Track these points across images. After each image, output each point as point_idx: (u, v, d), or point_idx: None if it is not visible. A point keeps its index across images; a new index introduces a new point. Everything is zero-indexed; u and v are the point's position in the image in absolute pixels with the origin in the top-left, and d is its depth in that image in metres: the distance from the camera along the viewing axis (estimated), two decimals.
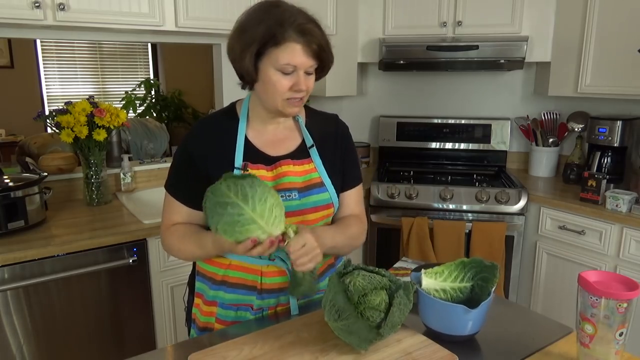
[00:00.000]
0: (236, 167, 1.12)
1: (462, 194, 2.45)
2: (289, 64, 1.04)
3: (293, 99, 1.09)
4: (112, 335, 1.87)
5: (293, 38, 1.03)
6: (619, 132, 2.38)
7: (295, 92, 1.08)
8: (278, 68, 1.05)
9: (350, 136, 1.30)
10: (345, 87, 2.77)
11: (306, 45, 1.04)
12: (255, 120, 1.18)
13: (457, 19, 2.58)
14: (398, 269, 1.35)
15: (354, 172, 1.27)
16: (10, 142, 4.82)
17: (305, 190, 1.15)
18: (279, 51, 1.04)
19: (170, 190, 1.18)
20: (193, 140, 1.16)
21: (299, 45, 1.04)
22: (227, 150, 1.14)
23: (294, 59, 1.04)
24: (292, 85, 1.07)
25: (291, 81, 1.07)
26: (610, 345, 0.87)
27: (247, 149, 1.15)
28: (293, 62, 1.04)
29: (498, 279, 1.03)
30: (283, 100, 1.09)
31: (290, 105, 1.10)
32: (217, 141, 1.15)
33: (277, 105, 1.10)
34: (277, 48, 1.04)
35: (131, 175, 2.34)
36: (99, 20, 1.88)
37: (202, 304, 1.21)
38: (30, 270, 1.66)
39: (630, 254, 2.07)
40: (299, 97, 1.09)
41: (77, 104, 2.00)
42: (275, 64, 1.05)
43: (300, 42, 1.04)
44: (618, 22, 2.26)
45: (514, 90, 2.97)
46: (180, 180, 1.17)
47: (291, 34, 1.03)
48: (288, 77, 1.06)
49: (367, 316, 0.95)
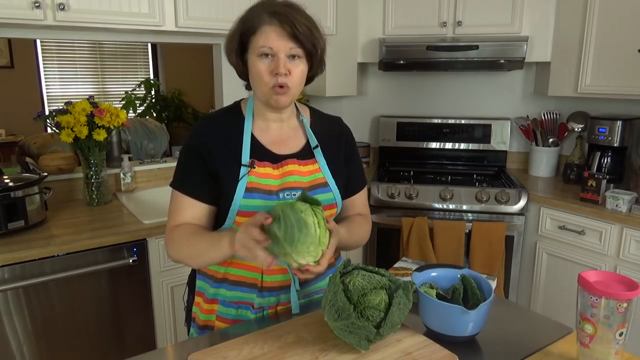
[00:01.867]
0: (243, 164, 1.11)
1: (462, 194, 2.45)
2: (264, 46, 1.06)
3: (277, 88, 1.08)
4: (112, 335, 1.87)
5: (266, 21, 1.06)
6: (619, 132, 2.38)
7: (275, 76, 1.07)
8: (258, 54, 1.07)
9: (354, 140, 1.33)
10: (345, 87, 2.77)
11: (279, 26, 1.05)
12: (259, 118, 1.18)
13: (457, 19, 2.58)
14: (398, 269, 1.34)
15: (360, 176, 1.31)
16: (10, 142, 4.82)
17: (310, 190, 1.15)
18: (256, 37, 1.07)
19: (179, 186, 1.15)
20: (199, 137, 1.15)
21: (272, 27, 1.05)
22: (233, 147, 1.14)
23: (269, 41, 1.05)
24: (273, 69, 1.07)
25: (271, 65, 1.07)
26: (610, 345, 0.87)
27: (253, 146, 1.15)
28: (268, 44, 1.06)
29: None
30: (268, 89, 1.09)
31: (275, 94, 1.09)
32: (224, 138, 1.14)
33: (265, 93, 1.10)
34: (255, 35, 1.07)
35: (131, 175, 2.34)
36: (99, 20, 1.88)
37: (203, 302, 1.21)
38: (30, 270, 1.66)
39: (630, 254, 2.07)
40: (281, 83, 1.07)
41: (77, 104, 2.00)
42: (255, 51, 1.07)
43: (274, 24, 1.05)
44: (618, 22, 2.26)
45: (514, 90, 2.97)
46: (189, 175, 1.14)
47: (264, 17, 1.06)
48: (267, 60, 1.07)
49: (367, 316, 0.95)
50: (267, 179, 1.12)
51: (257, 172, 1.12)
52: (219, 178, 1.12)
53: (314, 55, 1.12)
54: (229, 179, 1.11)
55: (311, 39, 1.09)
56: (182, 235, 1.11)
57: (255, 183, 1.11)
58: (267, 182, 1.12)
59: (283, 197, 1.12)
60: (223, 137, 1.15)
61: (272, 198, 1.11)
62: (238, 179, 1.10)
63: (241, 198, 1.09)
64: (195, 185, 1.13)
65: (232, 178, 1.11)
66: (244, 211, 1.10)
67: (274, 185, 1.12)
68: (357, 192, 1.30)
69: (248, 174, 1.11)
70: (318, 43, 1.11)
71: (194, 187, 1.13)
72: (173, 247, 1.14)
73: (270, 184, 1.12)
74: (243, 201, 1.10)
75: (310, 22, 1.09)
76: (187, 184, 1.14)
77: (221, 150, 1.13)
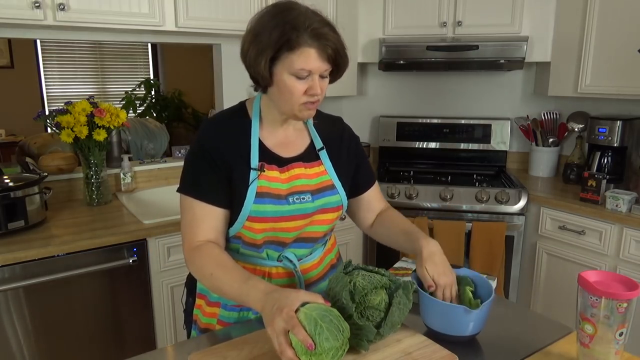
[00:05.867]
0: (252, 168, 1.10)
1: (462, 194, 2.45)
2: (304, 68, 1.02)
3: (308, 103, 1.07)
4: (112, 335, 1.87)
5: (308, 43, 1.00)
6: (619, 132, 2.38)
7: (310, 96, 1.06)
8: (293, 73, 1.03)
9: (358, 139, 1.33)
10: (345, 87, 2.76)
11: (321, 49, 1.02)
12: (267, 121, 1.16)
13: (457, 19, 2.58)
14: (398, 269, 1.35)
15: (369, 171, 1.32)
16: (10, 142, 4.82)
17: (318, 192, 1.15)
18: (294, 56, 1.01)
19: (191, 192, 1.10)
20: (209, 140, 1.12)
21: (313, 50, 1.01)
22: (242, 150, 1.12)
23: (309, 64, 1.02)
24: (307, 90, 1.05)
25: (306, 85, 1.04)
26: (610, 345, 0.87)
27: (260, 149, 1.13)
28: (308, 67, 1.02)
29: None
30: (299, 105, 1.07)
31: (306, 109, 1.08)
32: (232, 141, 1.12)
33: (294, 110, 1.07)
34: (292, 53, 1.01)
35: (131, 175, 2.34)
36: (99, 20, 1.88)
37: (205, 305, 1.20)
38: (30, 270, 1.66)
39: (630, 254, 2.07)
40: (314, 100, 1.07)
41: (77, 104, 2.00)
42: (290, 69, 1.02)
43: (315, 47, 1.01)
44: (618, 22, 2.26)
45: (514, 90, 2.97)
46: (202, 180, 1.10)
47: (306, 38, 1.00)
48: (303, 81, 1.04)
49: (367, 315, 0.95)
50: (276, 183, 1.11)
51: (266, 176, 1.10)
52: (230, 182, 1.10)
53: (342, 70, 1.11)
54: (240, 184, 1.09)
55: (344, 59, 1.08)
56: (205, 265, 1.05)
57: (266, 187, 1.09)
58: (276, 186, 1.11)
59: (292, 201, 1.11)
60: (232, 140, 1.12)
61: (282, 202, 1.10)
62: (248, 183, 1.09)
63: (252, 203, 1.08)
64: (210, 191, 1.09)
65: (243, 182, 1.09)
66: (254, 216, 1.09)
67: (283, 189, 1.11)
68: (371, 187, 1.31)
69: (258, 178, 1.10)
70: (347, 60, 1.10)
71: (209, 192, 1.09)
72: (195, 270, 1.08)
73: (279, 187, 1.11)
74: (254, 206, 1.08)
75: (341, 40, 1.07)
76: (202, 189, 1.10)
77: (232, 154, 1.11)
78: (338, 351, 0.85)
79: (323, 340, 0.83)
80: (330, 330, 0.84)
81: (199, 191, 1.09)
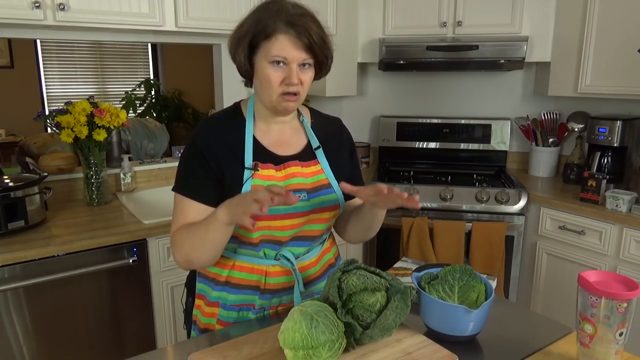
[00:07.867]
0: (247, 167, 1.11)
1: (462, 194, 2.45)
2: (279, 55, 1.04)
3: (287, 94, 1.08)
4: (112, 335, 1.87)
5: (283, 30, 1.03)
6: (619, 132, 2.38)
7: (287, 85, 1.06)
8: (269, 61, 1.05)
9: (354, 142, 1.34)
10: (345, 87, 2.77)
11: (296, 37, 1.04)
12: (260, 119, 1.17)
13: (457, 19, 2.58)
14: (398, 269, 1.35)
15: (359, 177, 1.33)
16: (10, 142, 4.81)
17: (314, 191, 1.15)
18: (270, 44, 1.05)
19: (183, 190, 1.13)
20: (202, 140, 1.13)
21: (288, 37, 1.04)
22: (236, 149, 1.13)
23: (284, 51, 1.04)
24: (285, 79, 1.06)
25: (283, 75, 1.06)
26: (610, 345, 0.87)
27: (255, 148, 1.14)
28: (283, 55, 1.04)
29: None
30: (278, 96, 1.08)
31: (284, 101, 1.09)
32: (226, 140, 1.13)
33: (273, 100, 1.09)
34: (268, 41, 1.05)
35: (131, 175, 2.34)
36: (99, 20, 1.88)
37: (204, 305, 1.20)
38: (30, 270, 1.66)
39: (630, 254, 2.07)
40: (293, 91, 1.07)
41: (77, 104, 2.00)
42: (267, 57, 1.05)
43: (291, 34, 1.04)
44: (618, 22, 2.26)
45: (514, 90, 2.97)
46: (194, 178, 1.12)
47: (281, 25, 1.03)
48: (280, 70, 1.06)
49: (357, 315, 0.95)
50: (271, 182, 1.11)
51: (260, 174, 1.11)
52: (223, 181, 1.11)
53: (324, 64, 1.12)
54: (233, 183, 1.10)
55: (324, 50, 1.09)
56: (182, 232, 1.10)
57: (260, 186, 1.10)
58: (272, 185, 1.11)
59: None
60: (225, 139, 1.13)
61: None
62: (242, 182, 1.10)
63: None
64: (199, 188, 1.11)
65: (237, 181, 1.10)
66: None
67: None
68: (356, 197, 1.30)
69: (252, 177, 1.10)
70: (329, 53, 1.11)
71: (198, 189, 1.11)
72: (177, 249, 1.11)
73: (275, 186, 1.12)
74: None
75: (323, 32, 1.08)
76: (191, 187, 1.12)
77: (225, 153, 1.12)
78: (334, 344, 0.88)
79: (319, 333, 0.87)
80: (325, 324, 0.88)
81: (188, 188, 1.12)
